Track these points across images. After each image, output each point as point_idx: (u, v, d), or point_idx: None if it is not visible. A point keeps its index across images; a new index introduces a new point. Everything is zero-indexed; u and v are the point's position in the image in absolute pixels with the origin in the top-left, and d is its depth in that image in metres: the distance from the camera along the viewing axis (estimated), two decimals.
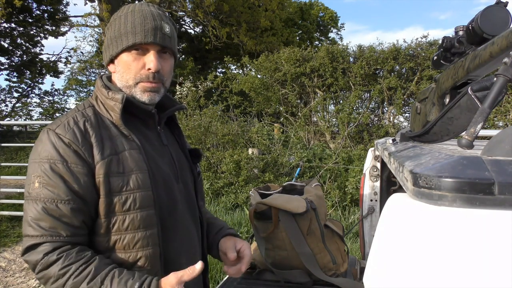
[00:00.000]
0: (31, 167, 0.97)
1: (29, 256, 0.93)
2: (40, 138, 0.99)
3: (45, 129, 1.00)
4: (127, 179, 0.99)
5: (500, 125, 6.98)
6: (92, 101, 1.07)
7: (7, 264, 4.23)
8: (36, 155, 0.97)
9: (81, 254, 0.95)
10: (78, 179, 0.95)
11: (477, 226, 0.58)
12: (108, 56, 1.06)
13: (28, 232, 0.93)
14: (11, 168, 9.67)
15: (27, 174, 0.98)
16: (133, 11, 1.04)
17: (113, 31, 1.04)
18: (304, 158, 6.35)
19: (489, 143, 0.75)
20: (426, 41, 7.96)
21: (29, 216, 0.93)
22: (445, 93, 1.09)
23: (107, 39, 1.06)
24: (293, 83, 8.74)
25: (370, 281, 0.77)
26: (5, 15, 13.33)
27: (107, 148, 0.99)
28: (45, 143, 0.97)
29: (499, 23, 0.85)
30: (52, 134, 0.97)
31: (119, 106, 1.01)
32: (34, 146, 0.99)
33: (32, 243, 0.92)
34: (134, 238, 1.00)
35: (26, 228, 0.94)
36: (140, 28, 1.01)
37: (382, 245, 0.77)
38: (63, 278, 0.91)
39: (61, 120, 1.01)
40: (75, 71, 18.92)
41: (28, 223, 0.93)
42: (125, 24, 1.02)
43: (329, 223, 1.70)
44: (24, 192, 0.98)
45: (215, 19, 14.64)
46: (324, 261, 1.59)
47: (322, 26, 23.53)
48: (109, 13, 13.80)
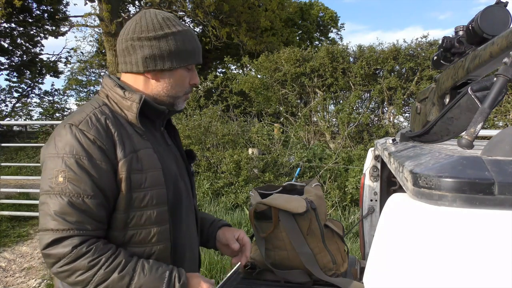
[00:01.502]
0: (52, 161, 0.97)
1: (53, 250, 0.94)
2: (60, 133, 1.00)
3: (66, 124, 1.01)
4: (145, 177, 1.04)
5: (500, 125, 6.98)
6: (104, 100, 1.10)
7: (7, 264, 4.23)
8: (58, 150, 0.97)
9: (107, 246, 0.99)
10: (102, 175, 0.98)
11: (477, 226, 0.58)
12: (159, 66, 1.09)
13: (52, 226, 0.94)
14: (11, 168, 9.67)
15: (45, 168, 0.98)
16: (186, 31, 1.13)
17: (168, 44, 1.08)
18: (304, 158, 6.35)
19: (489, 143, 0.75)
20: (426, 41, 7.96)
21: (53, 210, 0.94)
22: (445, 93, 1.09)
23: (156, 46, 1.07)
24: (293, 83, 8.73)
25: (370, 281, 0.77)
26: (5, 15, 13.33)
27: (128, 146, 1.03)
28: (69, 138, 0.98)
29: (499, 23, 0.85)
30: (76, 130, 0.99)
31: (136, 106, 1.06)
32: (52, 141, 1.00)
33: (58, 237, 0.93)
34: (150, 233, 1.06)
35: (49, 222, 0.94)
36: (197, 50, 1.15)
37: (382, 245, 0.77)
38: (93, 269, 0.94)
39: (81, 115, 1.03)
40: (75, 71, 18.91)
41: (52, 217, 0.94)
42: (185, 43, 1.11)
43: (329, 223, 1.70)
44: (41, 187, 0.98)
45: (215, 19, 14.64)
46: (324, 261, 1.59)
47: (322, 26, 23.52)
48: (109, 13, 13.79)
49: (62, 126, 1.01)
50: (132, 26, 1.09)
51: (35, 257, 4.47)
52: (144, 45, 1.07)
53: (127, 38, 1.09)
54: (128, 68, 1.11)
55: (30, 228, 5.48)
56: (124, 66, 1.12)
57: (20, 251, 4.64)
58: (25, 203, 6.03)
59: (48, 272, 4.03)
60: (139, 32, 1.08)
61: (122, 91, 1.08)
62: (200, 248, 1.35)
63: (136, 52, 1.08)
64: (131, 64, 1.10)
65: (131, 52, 1.09)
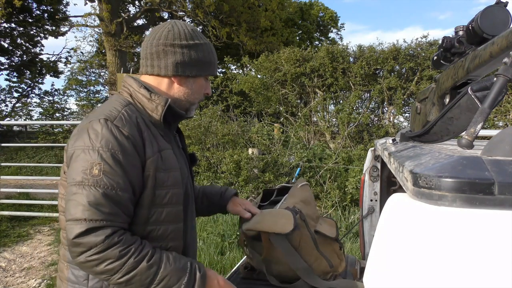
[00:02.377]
0: (86, 154, 1.00)
1: (85, 239, 0.96)
2: (94, 127, 1.03)
3: (100, 119, 1.04)
4: (167, 176, 1.10)
5: (500, 125, 6.98)
6: (128, 99, 1.15)
7: (7, 264, 4.23)
8: (93, 143, 1.00)
9: (134, 237, 1.03)
10: (133, 171, 1.04)
11: (477, 226, 0.58)
12: (187, 73, 1.18)
13: (85, 216, 0.96)
14: (11, 168, 9.67)
15: (77, 160, 1.00)
16: (209, 44, 1.23)
17: (197, 54, 1.17)
18: (304, 158, 6.35)
19: (489, 143, 0.75)
20: (426, 41, 7.96)
21: (87, 201, 0.97)
22: (445, 93, 1.09)
23: (187, 54, 1.16)
24: (293, 83, 8.73)
25: (370, 281, 0.77)
26: (5, 15, 13.33)
27: (154, 145, 1.09)
28: (104, 132, 1.01)
29: (499, 23, 0.85)
30: (112, 125, 1.03)
31: (162, 109, 1.13)
32: (84, 134, 1.02)
33: (91, 226, 0.96)
34: (167, 230, 1.12)
35: (83, 212, 0.96)
36: (216, 63, 1.26)
37: (382, 245, 0.77)
38: (123, 258, 0.97)
39: (114, 112, 1.07)
40: (75, 71, 18.91)
41: (86, 207, 0.97)
42: (209, 55, 1.21)
43: (320, 227, 1.65)
44: (73, 177, 0.99)
45: (215, 19, 14.64)
46: (322, 267, 1.58)
47: (322, 26, 23.52)
48: (109, 13, 13.79)
49: (96, 120, 1.04)
50: (165, 33, 1.15)
51: (35, 257, 4.47)
52: (176, 51, 1.14)
53: (159, 43, 1.14)
54: (154, 71, 1.17)
55: (30, 228, 5.48)
56: (150, 69, 1.17)
57: (20, 251, 4.64)
58: (25, 203, 6.03)
59: (48, 272, 4.03)
60: (171, 39, 1.14)
61: (148, 93, 1.14)
62: (200, 248, 1.40)
63: (167, 57, 1.14)
64: (159, 68, 1.16)
65: (161, 56, 1.14)
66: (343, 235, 4.26)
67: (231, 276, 1.81)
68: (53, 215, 5.72)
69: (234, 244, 4.17)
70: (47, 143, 12.89)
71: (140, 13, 16.73)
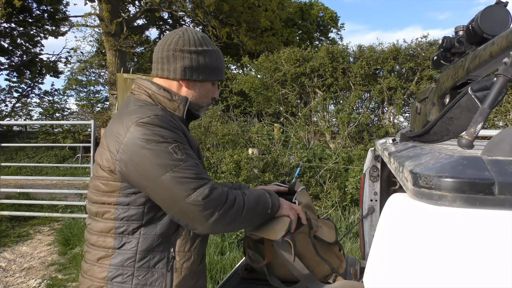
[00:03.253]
0: (158, 146, 1.07)
1: (212, 195, 1.08)
2: (147, 123, 1.09)
3: (150, 116, 1.11)
4: (201, 165, 1.20)
5: (500, 125, 6.99)
6: (150, 101, 1.22)
7: (7, 264, 4.23)
8: (155, 137, 1.08)
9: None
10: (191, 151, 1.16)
11: (477, 226, 0.58)
12: (194, 77, 1.25)
13: (201, 182, 1.08)
14: (11, 168, 9.67)
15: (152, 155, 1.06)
16: (218, 51, 1.31)
17: (205, 59, 1.25)
18: (304, 158, 6.35)
19: (489, 143, 0.75)
20: (426, 41, 7.96)
21: (193, 173, 1.08)
22: (445, 93, 1.09)
23: (195, 59, 1.23)
24: (293, 83, 8.73)
25: (370, 281, 0.77)
26: (5, 15, 13.34)
27: (191, 138, 1.21)
28: (161, 125, 1.10)
29: (499, 23, 0.85)
30: (162, 118, 1.12)
31: (184, 106, 1.22)
32: (137, 132, 1.08)
33: (210, 186, 1.09)
34: None
35: (197, 181, 1.08)
36: (223, 69, 1.33)
37: (382, 245, 0.77)
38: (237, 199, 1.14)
39: (153, 111, 1.14)
40: (75, 71, 18.93)
41: (196, 177, 1.08)
42: (217, 61, 1.29)
43: (319, 232, 1.65)
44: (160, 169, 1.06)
45: (215, 19, 14.64)
46: (323, 272, 1.59)
47: (322, 26, 23.53)
48: (109, 13, 13.79)
49: (145, 117, 1.10)
50: (175, 39, 1.22)
51: (35, 257, 4.47)
52: (185, 57, 1.22)
53: (169, 48, 1.21)
54: (164, 74, 1.24)
55: (30, 228, 5.48)
56: (161, 72, 1.25)
57: (20, 251, 4.64)
58: (25, 203, 6.03)
59: (48, 272, 4.03)
60: (181, 45, 1.21)
61: (169, 94, 1.22)
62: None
63: (176, 61, 1.22)
64: (169, 71, 1.23)
65: (171, 60, 1.22)
66: (343, 235, 4.25)
67: (231, 276, 1.81)
68: (53, 215, 5.72)
69: (234, 244, 4.17)
70: (47, 143, 12.90)
71: (140, 13, 16.73)
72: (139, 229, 1.14)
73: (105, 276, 1.13)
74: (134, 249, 1.13)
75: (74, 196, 7.23)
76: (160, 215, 1.16)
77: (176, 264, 1.18)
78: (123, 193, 1.13)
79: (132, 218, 1.13)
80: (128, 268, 1.13)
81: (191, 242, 1.22)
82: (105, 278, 1.13)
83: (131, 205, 1.13)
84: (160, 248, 1.15)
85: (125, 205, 1.13)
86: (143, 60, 20.40)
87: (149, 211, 1.14)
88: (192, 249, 1.22)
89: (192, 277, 1.21)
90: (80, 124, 14.98)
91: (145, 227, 1.14)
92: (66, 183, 9.05)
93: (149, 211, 1.14)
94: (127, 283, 1.12)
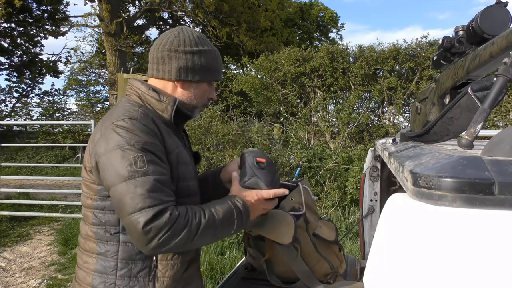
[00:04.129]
0: (124, 151, 1.04)
1: (154, 223, 1.00)
2: (121, 126, 1.07)
3: (124, 119, 1.09)
4: (187, 169, 1.19)
5: (500, 125, 6.99)
6: (138, 101, 1.21)
7: (7, 264, 4.23)
8: (126, 140, 1.05)
9: (183, 206, 1.08)
10: (165, 160, 1.12)
11: (477, 226, 0.58)
12: (189, 78, 1.23)
13: (148, 204, 1.00)
14: (11, 168, 9.67)
15: (117, 159, 1.03)
16: (215, 51, 1.28)
17: (200, 60, 1.23)
18: (304, 158, 6.35)
19: (489, 143, 0.75)
20: (426, 41, 7.96)
21: (145, 189, 1.01)
22: (445, 93, 1.09)
23: (191, 60, 1.21)
24: (293, 83, 8.73)
25: (370, 281, 0.77)
26: (5, 15, 13.34)
27: (172, 142, 1.17)
28: (133, 129, 1.07)
29: (499, 23, 0.85)
30: (136, 122, 1.09)
31: (172, 108, 1.19)
32: (111, 135, 1.07)
33: (157, 211, 1.01)
34: None
35: (143, 201, 1.00)
36: (220, 69, 1.31)
37: (382, 245, 0.77)
38: (187, 226, 1.03)
39: (131, 113, 1.12)
40: (75, 71, 18.92)
41: (145, 196, 1.01)
42: (213, 61, 1.26)
43: (319, 231, 1.65)
44: (118, 176, 1.03)
45: (215, 19, 14.64)
46: (323, 270, 1.59)
47: (322, 26, 23.53)
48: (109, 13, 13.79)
49: (121, 120, 1.09)
50: (170, 39, 1.21)
51: (35, 257, 4.47)
52: (180, 57, 1.20)
53: (164, 48, 1.20)
54: (160, 75, 1.23)
55: (30, 228, 5.48)
56: (156, 73, 1.23)
57: (20, 251, 4.64)
58: (25, 203, 6.03)
59: (48, 272, 4.03)
60: (176, 45, 1.20)
61: (157, 95, 1.20)
62: (200, 248, 1.42)
63: (171, 62, 1.20)
64: (164, 72, 1.22)
65: (166, 61, 1.21)
66: (343, 235, 4.25)
67: (231, 276, 1.81)
68: (53, 215, 5.72)
69: (234, 244, 4.17)
70: (47, 143, 12.90)
71: (140, 13, 16.73)
72: (117, 235, 1.13)
73: (89, 282, 1.14)
74: (115, 257, 1.13)
75: (74, 196, 7.23)
76: None
77: (158, 273, 1.15)
78: (99, 196, 1.13)
79: (109, 223, 1.13)
80: (110, 276, 1.13)
81: None
82: (89, 284, 1.14)
83: (106, 210, 1.13)
84: (141, 256, 1.13)
85: (100, 209, 1.13)
86: (143, 60, 20.40)
87: None
88: (174, 257, 1.17)
89: (175, 285, 1.17)
90: (80, 124, 14.99)
91: (124, 234, 1.12)
92: (66, 183, 9.06)
93: None
94: None
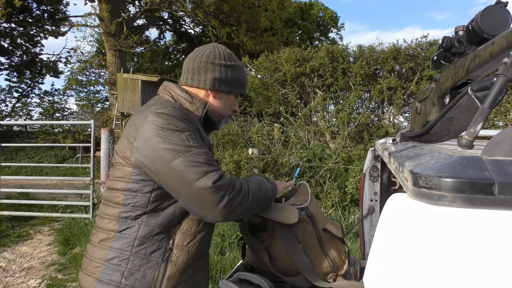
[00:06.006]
0: (173, 133, 1.13)
1: (221, 182, 1.12)
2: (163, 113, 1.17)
3: (167, 107, 1.19)
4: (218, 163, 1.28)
5: (500, 125, 6.99)
6: (171, 100, 1.30)
7: (7, 264, 4.23)
8: (169, 125, 1.14)
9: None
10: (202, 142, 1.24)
11: (477, 226, 0.58)
12: (222, 88, 1.36)
13: (211, 168, 1.13)
14: (11, 168, 9.67)
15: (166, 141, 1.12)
16: (243, 67, 1.44)
17: (232, 73, 1.37)
18: (304, 158, 6.35)
19: (489, 143, 0.75)
20: (426, 41, 7.96)
21: (204, 159, 1.13)
22: (445, 93, 1.09)
23: (224, 72, 1.35)
24: (293, 83, 8.74)
25: (370, 281, 0.77)
26: (5, 15, 13.34)
27: (205, 137, 1.26)
28: (176, 116, 1.17)
29: (499, 23, 0.85)
30: (177, 111, 1.20)
31: (202, 109, 1.31)
32: (156, 120, 1.15)
33: (220, 173, 1.13)
34: None
35: (208, 166, 1.12)
36: (246, 84, 1.47)
37: (382, 245, 0.77)
38: (243, 187, 1.19)
39: (170, 104, 1.23)
40: (75, 71, 18.92)
41: (206, 163, 1.13)
42: (242, 76, 1.42)
43: (329, 226, 1.67)
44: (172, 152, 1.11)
45: (215, 19, 14.64)
46: (322, 267, 1.58)
47: (322, 26, 23.53)
48: (109, 13, 13.79)
49: (163, 108, 1.18)
50: (207, 52, 1.34)
51: (35, 257, 4.47)
52: (215, 69, 1.33)
53: (201, 60, 1.33)
54: (194, 83, 1.35)
55: (30, 228, 5.48)
56: (190, 81, 1.35)
57: (20, 251, 4.64)
58: (25, 203, 6.03)
59: (48, 272, 4.03)
60: (212, 58, 1.33)
61: (190, 97, 1.31)
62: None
63: (207, 73, 1.33)
64: (199, 81, 1.34)
65: (202, 71, 1.33)
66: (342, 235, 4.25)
67: (231, 276, 1.80)
68: (53, 215, 5.72)
69: (234, 244, 4.17)
70: (47, 143, 12.90)
71: (140, 13, 16.73)
72: (142, 216, 1.19)
73: (103, 257, 1.19)
74: (134, 234, 1.18)
75: (74, 196, 7.23)
76: (164, 206, 1.20)
77: (172, 257, 1.20)
78: (133, 179, 1.19)
79: (137, 204, 1.19)
80: (125, 252, 1.17)
81: (191, 237, 1.25)
82: (103, 259, 1.19)
83: (138, 192, 1.19)
84: (159, 237, 1.19)
85: (133, 191, 1.19)
86: (143, 60, 20.41)
87: (155, 200, 1.19)
88: (190, 244, 1.23)
89: (186, 270, 1.22)
90: (80, 124, 14.99)
91: (148, 215, 1.19)
92: (66, 183, 9.06)
93: (155, 200, 1.19)
94: (121, 266, 1.17)
